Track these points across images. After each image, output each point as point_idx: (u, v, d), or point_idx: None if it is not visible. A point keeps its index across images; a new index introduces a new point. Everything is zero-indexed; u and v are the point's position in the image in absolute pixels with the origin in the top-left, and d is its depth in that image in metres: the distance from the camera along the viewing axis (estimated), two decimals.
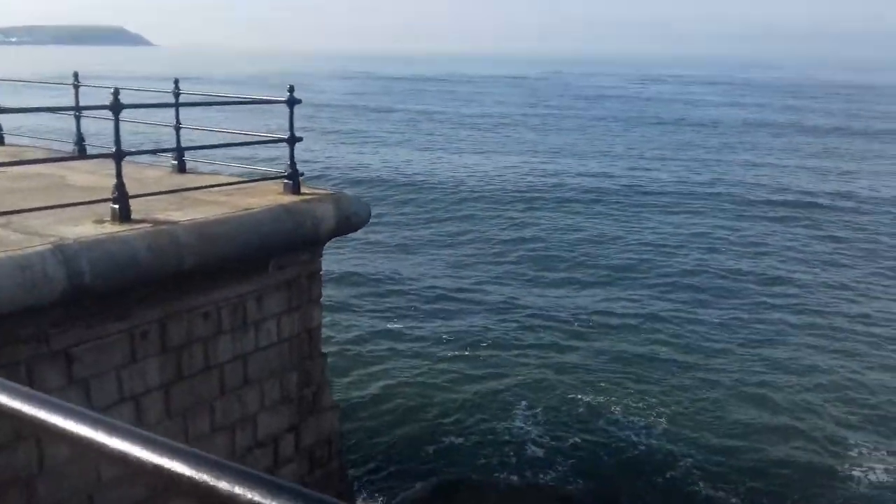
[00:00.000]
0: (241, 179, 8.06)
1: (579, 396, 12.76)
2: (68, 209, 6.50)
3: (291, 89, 7.77)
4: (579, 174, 34.23)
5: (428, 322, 15.56)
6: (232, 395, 7.53)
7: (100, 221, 6.48)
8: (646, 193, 30.11)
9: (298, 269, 8.05)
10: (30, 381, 5.84)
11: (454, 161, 36.48)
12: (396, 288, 17.60)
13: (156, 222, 6.57)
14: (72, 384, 6.14)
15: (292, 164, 7.96)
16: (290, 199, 7.80)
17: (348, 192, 8.57)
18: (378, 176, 31.69)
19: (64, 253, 5.68)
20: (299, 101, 7.87)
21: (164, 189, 7.47)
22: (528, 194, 29.13)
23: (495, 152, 40.11)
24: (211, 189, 7.69)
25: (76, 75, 9.47)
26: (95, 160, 9.93)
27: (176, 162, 8.97)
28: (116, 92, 6.27)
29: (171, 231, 6.45)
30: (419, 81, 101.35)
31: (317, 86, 75.56)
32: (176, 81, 8.72)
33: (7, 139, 10.92)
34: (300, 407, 8.31)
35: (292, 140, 7.93)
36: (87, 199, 6.69)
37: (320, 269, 8.40)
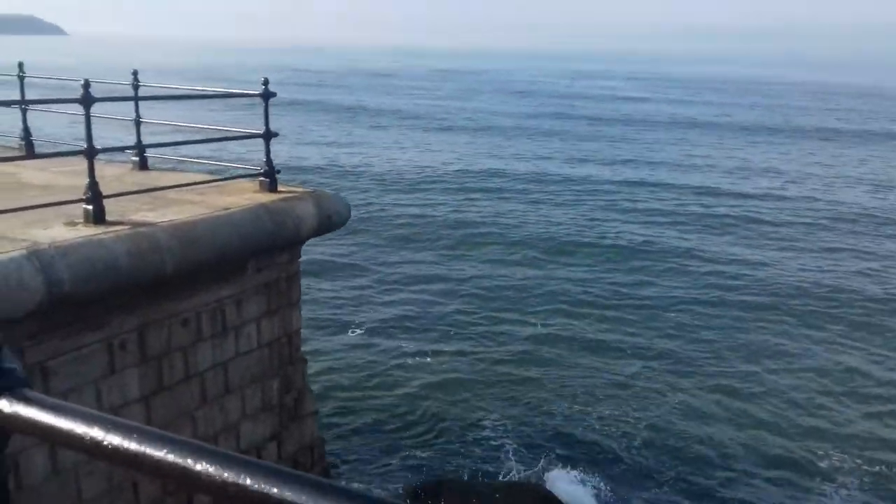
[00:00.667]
0: (214, 178, 7.67)
1: (565, 391, 12.66)
2: (33, 211, 6.04)
3: (266, 82, 7.43)
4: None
5: (404, 318, 15.27)
6: (214, 404, 7.16)
7: (71, 224, 6.05)
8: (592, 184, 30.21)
9: (277, 271, 7.71)
10: None
11: (411, 153, 35.89)
12: (369, 284, 17.23)
13: (132, 224, 6.16)
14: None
15: (268, 160, 7.62)
16: (267, 197, 7.46)
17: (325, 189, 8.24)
18: (318, 168, 30.98)
19: (40, 259, 5.25)
20: (274, 94, 7.53)
21: (130, 188, 7.04)
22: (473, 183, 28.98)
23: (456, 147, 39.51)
24: (182, 188, 7.29)
25: (21, 66, 8.89)
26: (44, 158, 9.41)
27: (137, 158, 8.50)
28: (87, 84, 5.85)
29: (150, 234, 6.05)
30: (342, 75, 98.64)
31: (243, 78, 73.46)
32: (135, 73, 8.27)
33: None
34: (282, 414, 7.97)
35: (268, 135, 7.58)
36: (55, 200, 6.23)
37: (299, 271, 8.07)
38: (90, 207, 6.01)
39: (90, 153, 5.97)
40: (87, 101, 5.87)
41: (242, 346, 7.41)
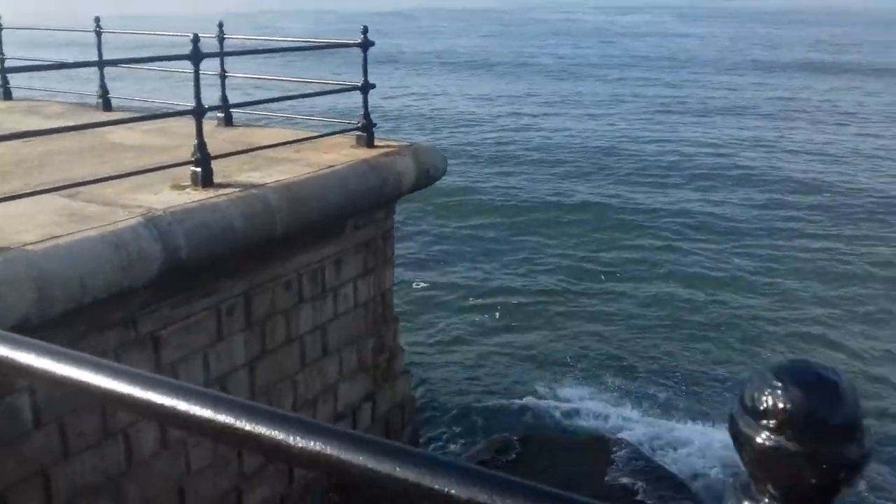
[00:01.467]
0: (311, 135, 7.30)
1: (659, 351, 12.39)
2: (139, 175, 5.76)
3: (365, 30, 6.99)
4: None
5: (490, 277, 15.00)
6: (313, 367, 6.97)
7: (179, 187, 5.76)
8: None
9: (374, 229, 7.41)
10: None
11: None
12: (454, 245, 16.89)
13: (241, 186, 5.86)
14: (159, 370, 5.51)
15: (366, 114, 7.23)
16: (367, 153, 7.10)
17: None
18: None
19: (158, 226, 4.98)
20: (373, 44, 7.09)
21: (223, 146, 6.73)
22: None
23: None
24: (278, 146, 6.94)
25: (97, 20, 8.49)
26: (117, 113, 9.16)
27: (223, 115, 8.15)
28: (196, 39, 5.47)
29: (261, 195, 5.75)
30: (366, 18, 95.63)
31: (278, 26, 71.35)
32: (220, 25, 7.86)
33: (14, 93, 9.96)
34: (376, 374, 7.78)
35: (366, 87, 7.19)
36: (154, 162, 5.96)
37: (393, 228, 7.77)
38: (198, 170, 5.71)
39: (199, 112, 5.63)
40: (196, 56, 5.50)
41: (340, 307, 7.18)
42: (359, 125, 7.26)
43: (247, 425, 1.02)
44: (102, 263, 4.61)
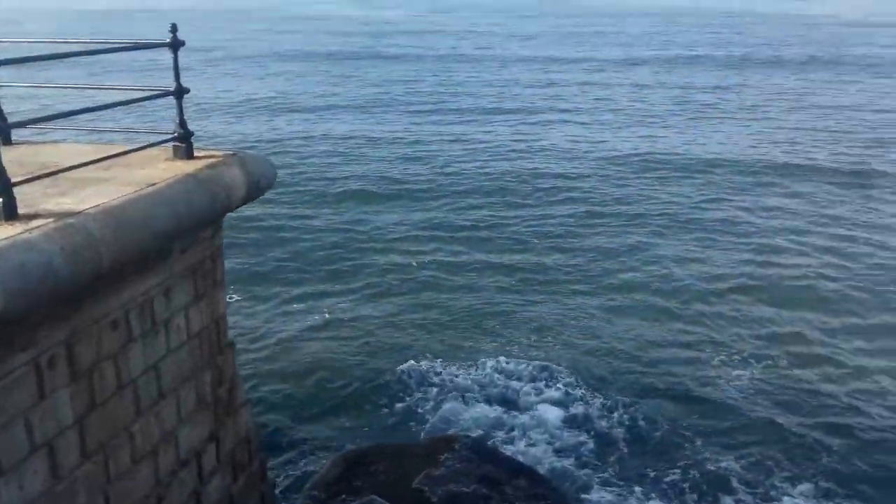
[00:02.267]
0: (123, 148, 6.35)
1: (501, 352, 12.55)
2: None
3: (174, 29, 6.21)
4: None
5: (323, 286, 14.33)
6: (149, 413, 6.12)
7: None
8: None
9: (202, 250, 6.66)
10: None
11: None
12: (280, 256, 15.93)
13: (52, 215, 4.94)
14: None
15: (182, 121, 6.44)
16: (189, 165, 6.33)
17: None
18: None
19: None
20: (183, 43, 6.33)
21: (13, 169, 5.66)
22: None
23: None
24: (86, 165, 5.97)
25: None
26: None
27: None
28: None
29: (80, 225, 4.88)
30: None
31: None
32: None
33: None
34: (217, 410, 7.03)
35: (180, 92, 6.40)
36: None
37: (222, 246, 7.04)
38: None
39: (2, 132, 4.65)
40: None
41: (173, 341, 6.37)
42: (175, 135, 6.46)
43: None
44: None
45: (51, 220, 4.83)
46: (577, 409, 11.68)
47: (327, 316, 13.46)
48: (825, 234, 20.16)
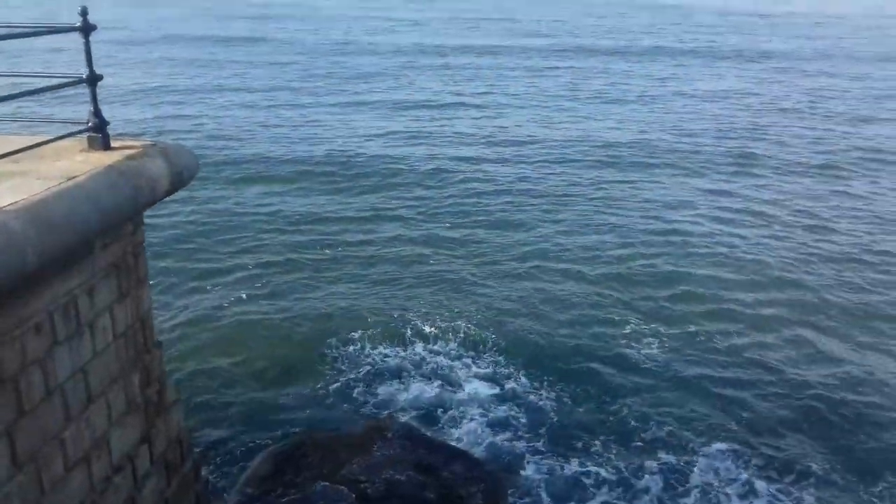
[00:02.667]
0: (35, 140, 5.95)
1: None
2: None
3: (84, 12, 5.86)
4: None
5: (238, 274, 13.92)
6: (79, 419, 5.82)
7: None
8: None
9: (124, 245, 6.35)
10: None
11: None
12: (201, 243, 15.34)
13: None
14: None
15: (97, 111, 6.09)
16: (106, 157, 6.01)
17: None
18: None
19: None
20: (94, 28, 5.99)
21: None
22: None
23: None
24: None
25: None
26: None
27: None
28: None
29: (2, 223, 4.56)
30: None
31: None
32: None
33: None
34: (147, 412, 6.75)
35: (93, 79, 6.05)
36: None
37: (144, 241, 6.74)
38: None
39: None
40: None
41: (99, 342, 6.06)
42: (89, 124, 6.12)
43: None
44: None
45: None
46: (507, 384, 11.99)
47: (245, 306, 13.18)
48: (716, 206, 21.26)
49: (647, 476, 10.23)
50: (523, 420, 11.16)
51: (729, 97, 37.46)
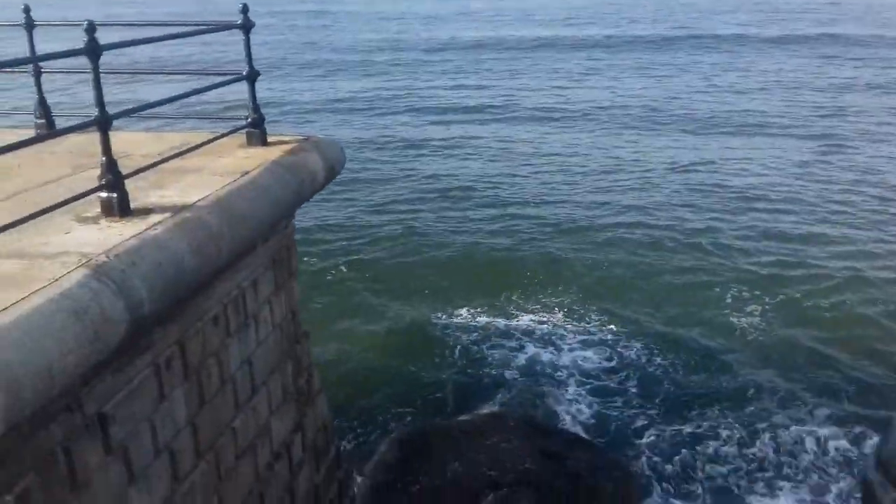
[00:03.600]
0: (206, 137, 6.09)
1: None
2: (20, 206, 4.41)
3: (245, 9, 5.95)
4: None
5: (386, 266, 14.35)
6: (246, 408, 5.96)
7: (88, 219, 4.51)
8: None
9: (280, 240, 6.46)
10: (70, 470, 4.00)
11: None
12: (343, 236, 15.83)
13: (164, 209, 4.72)
14: (111, 455, 4.33)
15: (255, 107, 6.21)
16: (267, 152, 6.11)
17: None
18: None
19: (111, 277, 3.83)
20: (254, 24, 6.08)
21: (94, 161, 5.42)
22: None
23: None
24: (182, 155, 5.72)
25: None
26: None
27: (43, 121, 6.61)
28: (92, 27, 4.23)
29: (199, 219, 4.68)
30: None
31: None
32: (27, 9, 6.27)
33: None
34: (299, 400, 6.89)
35: (252, 76, 6.15)
36: (76, 193, 4.58)
37: (294, 235, 6.85)
38: (112, 195, 4.49)
39: (104, 122, 4.40)
40: (94, 50, 4.26)
41: (261, 333, 6.20)
42: (248, 120, 6.23)
43: None
44: (68, 339, 3.44)
45: (167, 214, 4.61)
46: (615, 352, 12.29)
47: (350, 287, 13.48)
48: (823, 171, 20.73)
49: (762, 445, 10.28)
50: (634, 389, 11.40)
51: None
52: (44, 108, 6.56)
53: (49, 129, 6.60)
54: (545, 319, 13.25)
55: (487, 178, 20.71)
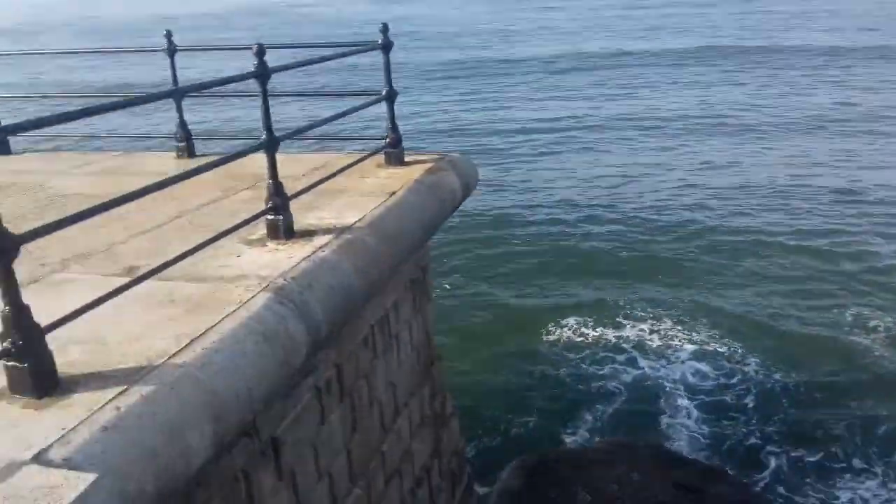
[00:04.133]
0: (354, 157, 6.09)
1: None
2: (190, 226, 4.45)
3: (385, 29, 5.93)
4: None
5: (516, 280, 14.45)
6: (391, 431, 5.87)
7: (255, 241, 4.51)
8: None
9: (418, 261, 6.39)
10: (249, 496, 3.95)
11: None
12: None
13: (324, 230, 4.69)
14: (282, 481, 4.28)
15: (394, 126, 6.18)
16: (408, 172, 6.06)
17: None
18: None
19: (292, 300, 3.79)
20: (392, 45, 6.05)
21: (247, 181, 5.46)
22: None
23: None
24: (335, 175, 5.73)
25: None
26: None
27: (184, 144, 6.74)
28: (262, 51, 4.24)
29: (359, 240, 4.63)
30: None
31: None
32: (169, 34, 6.41)
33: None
34: (436, 423, 6.78)
35: (391, 96, 6.13)
36: (232, 215, 4.61)
37: (430, 256, 6.78)
38: (278, 217, 4.48)
39: (272, 145, 4.40)
40: (264, 74, 4.26)
41: (402, 355, 6.12)
42: (387, 140, 6.20)
43: None
44: (261, 364, 3.39)
45: (330, 236, 4.58)
46: (731, 368, 11.83)
47: (458, 306, 13.42)
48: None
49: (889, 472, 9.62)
50: (752, 408, 10.95)
51: None
52: (184, 131, 6.68)
53: (189, 153, 6.74)
54: (655, 329, 12.92)
55: (594, 186, 20.39)
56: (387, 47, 5.97)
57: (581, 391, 11.16)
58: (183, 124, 6.66)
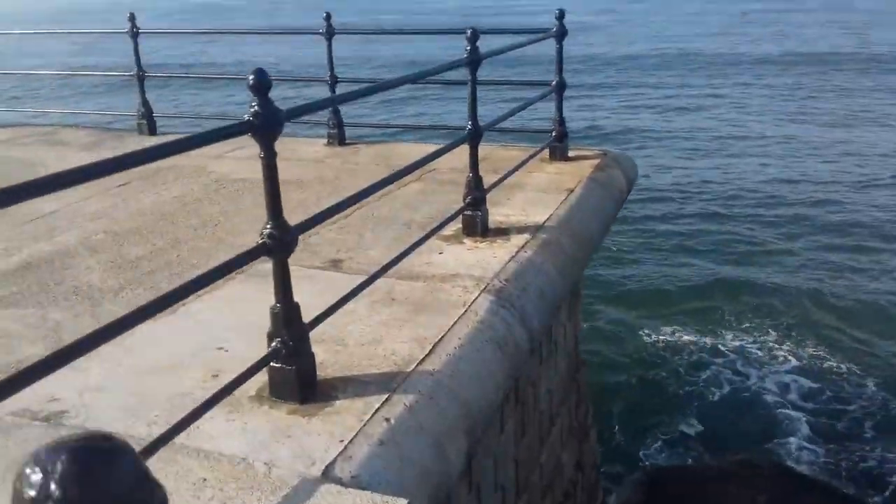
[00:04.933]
0: (529, 151, 5.79)
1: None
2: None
3: (561, 15, 5.60)
4: None
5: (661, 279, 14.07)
6: (546, 441, 5.57)
7: (452, 237, 4.24)
8: None
9: None
10: None
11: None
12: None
13: (517, 228, 4.40)
14: (471, 493, 4.01)
15: (561, 119, 5.85)
16: (575, 168, 5.74)
17: None
18: None
19: (512, 303, 3.50)
20: (566, 33, 5.72)
21: (372, 170, 5.20)
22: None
23: None
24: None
25: (132, 18, 6.45)
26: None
27: (335, 132, 6.54)
28: (475, 36, 3.95)
29: (554, 240, 4.33)
30: None
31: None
32: (327, 16, 6.20)
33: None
34: (580, 434, 6.46)
35: (561, 86, 5.81)
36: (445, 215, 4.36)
37: None
38: (477, 214, 4.20)
39: (475, 137, 4.12)
40: (474, 62, 3.97)
41: (559, 361, 5.81)
42: (553, 134, 5.88)
43: None
44: (496, 373, 3.13)
45: (525, 235, 4.28)
46: (842, 385, 11.14)
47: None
48: None
49: None
50: (871, 433, 10.23)
51: None
52: (336, 118, 6.49)
53: (340, 140, 6.55)
54: (758, 340, 12.31)
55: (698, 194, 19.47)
56: (561, 35, 5.65)
57: (685, 399, 10.67)
58: (336, 111, 6.47)
